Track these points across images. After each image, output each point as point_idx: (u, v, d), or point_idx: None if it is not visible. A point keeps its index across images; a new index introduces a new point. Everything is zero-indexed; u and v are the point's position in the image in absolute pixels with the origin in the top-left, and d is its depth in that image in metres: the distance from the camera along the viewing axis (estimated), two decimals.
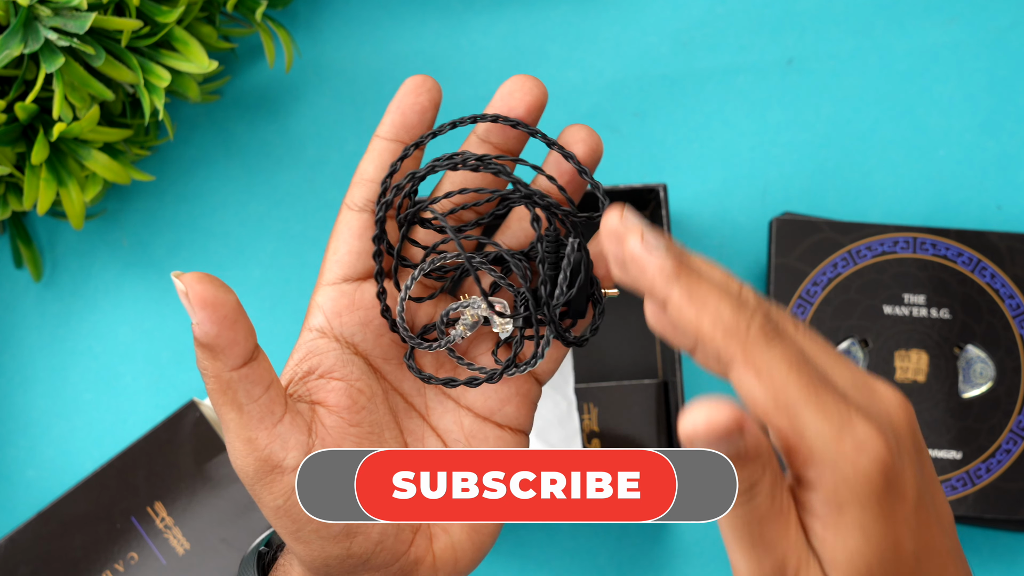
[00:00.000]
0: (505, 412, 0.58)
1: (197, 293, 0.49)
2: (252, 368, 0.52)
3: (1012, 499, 0.86)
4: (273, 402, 0.53)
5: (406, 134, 0.56)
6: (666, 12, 0.96)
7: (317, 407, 0.55)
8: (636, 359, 0.91)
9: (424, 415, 0.58)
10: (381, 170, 0.57)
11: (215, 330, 0.50)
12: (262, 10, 0.88)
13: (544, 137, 0.57)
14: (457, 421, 0.58)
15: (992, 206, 0.94)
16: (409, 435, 0.58)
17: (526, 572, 0.91)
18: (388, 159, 0.57)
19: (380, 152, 0.57)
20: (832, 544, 0.45)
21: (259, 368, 0.52)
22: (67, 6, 0.75)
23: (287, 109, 0.95)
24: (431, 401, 0.59)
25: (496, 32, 0.96)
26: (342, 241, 0.57)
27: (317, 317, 0.57)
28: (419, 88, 0.56)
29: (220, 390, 0.52)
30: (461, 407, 0.58)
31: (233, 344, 0.51)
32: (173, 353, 0.93)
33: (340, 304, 0.57)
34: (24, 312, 0.93)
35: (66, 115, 0.80)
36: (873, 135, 0.95)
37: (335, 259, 0.57)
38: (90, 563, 0.84)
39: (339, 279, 0.57)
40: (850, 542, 0.45)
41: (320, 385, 0.56)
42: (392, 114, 0.56)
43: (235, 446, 0.52)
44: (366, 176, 0.57)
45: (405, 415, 0.58)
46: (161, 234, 0.94)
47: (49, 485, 0.91)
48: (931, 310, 0.89)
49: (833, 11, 0.96)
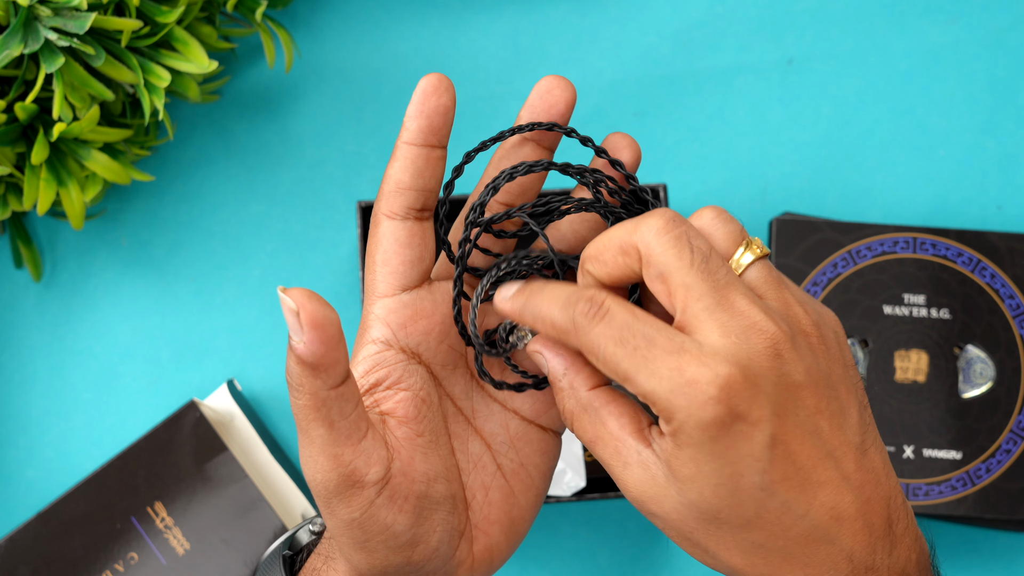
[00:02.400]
0: (551, 415, 0.59)
1: (309, 313, 0.49)
2: (347, 386, 0.52)
3: (1012, 499, 0.86)
4: (360, 418, 0.53)
5: (434, 137, 0.56)
6: (666, 12, 0.96)
7: (386, 418, 0.56)
8: None
9: (470, 419, 0.59)
10: (417, 177, 0.56)
11: (321, 350, 0.49)
12: (262, 10, 0.88)
13: (591, 143, 0.57)
14: (503, 424, 0.59)
15: (992, 206, 0.94)
16: (455, 439, 0.58)
17: (526, 572, 0.91)
18: (421, 165, 0.56)
19: (413, 159, 0.56)
20: (673, 468, 0.50)
21: (351, 385, 0.52)
22: (67, 6, 0.75)
23: (287, 109, 0.95)
24: (477, 404, 0.59)
25: (496, 32, 0.96)
26: (391, 252, 0.57)
27: (379, 329, 0.57)
28: (439, 89, 0.55)
29: (314, 407, 0.51)
30: (508, 410, 0.59)
31: (336, 364, 0.50)
32: (173, 353, 0.93)
33: (404, 316, 0.57)
34: (24, 312, 0.93)
35: (66, 115, 0.80)
36: (873, 135, 0.95)
37: (387, 271, 0.57)
38: (90, 563, 0.84)
39: (396, 290, 0.57)
40: (686, 470, 0.50)
41: (387, 396, 0.56)
42: (417, 119, 0.56)
43: (319, 461, 0.52)
44: (403, 185, 0.56)
45: (453, 419, 0.58)
46: (161, 234, 0.94)
47: (49, 485, 0.91)
48: (931, 310, 0.89)
49: (833, 11, 0.96)
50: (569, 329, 0.51)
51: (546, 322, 0.52)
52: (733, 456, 0.49)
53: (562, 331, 0.51)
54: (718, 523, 0.51)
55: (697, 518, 0.51)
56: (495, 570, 0.58)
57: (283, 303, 0.49)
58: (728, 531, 0.51)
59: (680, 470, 0.50)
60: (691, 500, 0.50)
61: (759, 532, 0.51)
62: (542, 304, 0.52)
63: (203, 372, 0.92)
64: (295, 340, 0.49)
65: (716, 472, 0.49)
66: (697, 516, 0.51)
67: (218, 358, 0.93)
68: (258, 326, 0.93)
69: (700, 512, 0.50)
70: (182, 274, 0.94)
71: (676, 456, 0.50)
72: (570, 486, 0.86)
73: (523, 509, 0.58)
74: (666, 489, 0.51)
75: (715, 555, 0.52)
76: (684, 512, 0.51)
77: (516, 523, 0.58)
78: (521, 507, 0.58)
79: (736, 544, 0.51)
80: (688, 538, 0.52)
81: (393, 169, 0.56)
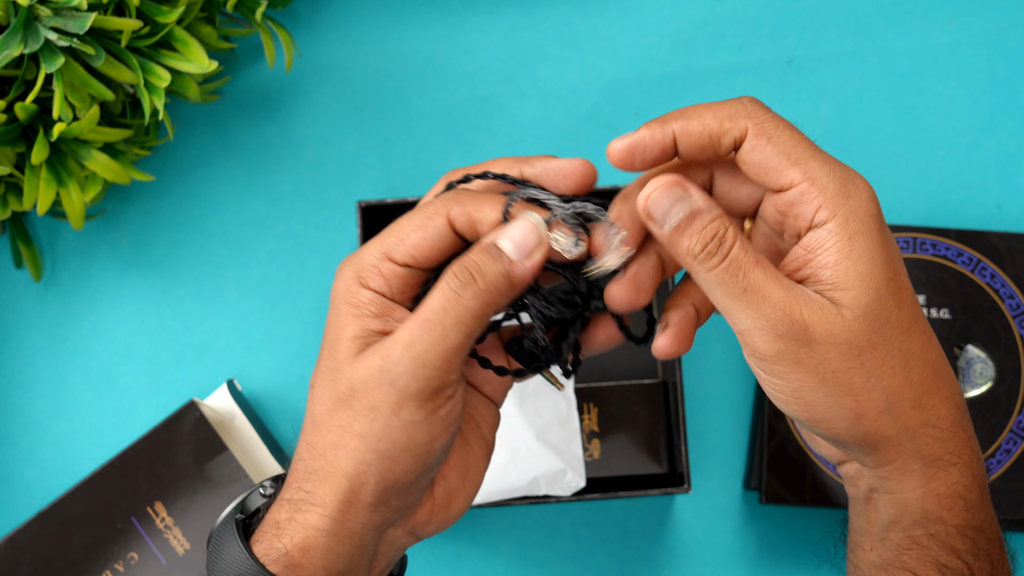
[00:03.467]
0: (491, 387, 0.63)
1: (547, 244, 0.57)
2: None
3: (1012, 499, 0.86)
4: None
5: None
6: (666, 12, 0.96)
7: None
8: (636, 359, 0.91)
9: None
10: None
11: (529, 276, 0.56)
12: (262, 10, 0.88)
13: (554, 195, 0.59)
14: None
15: (992, 206, 0.94)
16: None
17: (526, 572, 0.91)
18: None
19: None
20: (846, 270, 0.54)
21: None
22: (67, 6, 0.75)
23: (287, 109, 0.95)
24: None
25: (496, 32, 0.96)
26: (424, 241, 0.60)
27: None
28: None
29: (480, 315, 0.55)
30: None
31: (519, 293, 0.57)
32: (173, 353, 0.93)
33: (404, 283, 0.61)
34: (24, 312, 0.93)
35: (66, 115, 0.80)
36: (873, 135, 0.95)
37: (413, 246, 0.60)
38: (90, 563, 0.84)
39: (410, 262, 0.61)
40: (861, 266, 0.53)
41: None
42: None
43: (435, 363, 0.55)
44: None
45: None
46: (161, 234, 0.94)
47: (49, 485, 0.91)
48: (931, 310, 0.89)
49: (833, 11, 0.96)
50: (740, 112, 0.55)
51: (707, 116, 0.56)
52: (893, 252, 0.54)
53: (729, 116, 0.55)
54: (886, 331, 0.54)
55: (869, 329, 0.53)
56: (452, 518, 0.60)
57: (536, 225, 0.56)
58: (894, 339, 0.54)
59: (855, 268, 0.53)
60: (866, 305, 0.53)
61: (916, 340, 0.55)
62: (697, 108, 0.56)
63: (203, 372, 0.92)
64: (516, 256, 0.56)
65: (887, 265, 0.54)
66: (869, 326, 0.53)
67: (218, 358, 0.93)
68: (258, 326, 0.93)
69: (873, 319, 0.53)
70: (182, 274, 0.94)
71: (849, 253, 0.53)
72: (570, 486, 0.86)
73: (476, 458, 0.61)
74: (833, 311, 0.53)
75: (879, 376, 0.54)
76: (856, 327, 0.53)
77: (471, 470, 0.61)
78: (475, 456, 0.61)
79: (900, 355, 0.54)
80: (853, 363, 0.54)
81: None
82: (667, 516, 0.92)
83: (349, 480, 0.56)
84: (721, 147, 0.56)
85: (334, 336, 0.58)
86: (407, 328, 0.56)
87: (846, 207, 0.54)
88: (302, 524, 0.57)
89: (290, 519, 0.57)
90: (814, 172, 0.54)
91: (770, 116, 0.55)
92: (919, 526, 0.57)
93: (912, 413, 0.55)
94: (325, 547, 0.57)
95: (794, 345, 0.53)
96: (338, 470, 0.57)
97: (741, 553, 0.91)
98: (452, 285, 0.55)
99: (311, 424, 0.58)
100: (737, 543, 0.91)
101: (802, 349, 0.53)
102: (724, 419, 0.92)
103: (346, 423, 0.56)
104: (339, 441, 0.57)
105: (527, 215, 0.56)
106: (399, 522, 0.59)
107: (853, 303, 0.53)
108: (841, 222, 0.54)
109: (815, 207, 0.54)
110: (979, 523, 0.57)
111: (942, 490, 0.56)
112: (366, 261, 0.57)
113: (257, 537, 0.58)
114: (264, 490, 0.61)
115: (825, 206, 0.54)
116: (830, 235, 0.54)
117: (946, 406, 0.56)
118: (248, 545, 0.57)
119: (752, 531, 0.91)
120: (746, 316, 0.54)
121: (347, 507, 0.57)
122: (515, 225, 0.56)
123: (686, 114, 0.56)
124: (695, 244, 0.55)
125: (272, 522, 0.58)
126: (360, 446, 0.56)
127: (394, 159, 0.95)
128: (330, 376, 0.57)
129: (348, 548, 0.57)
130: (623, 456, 0.89)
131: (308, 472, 0.57)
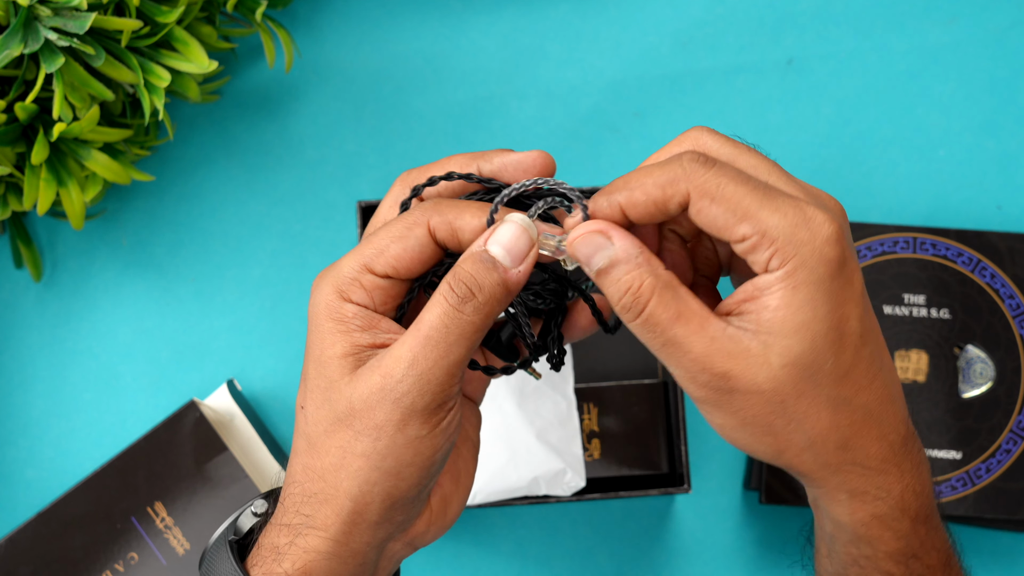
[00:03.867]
0: (471, 387, 0.63)
1: (536, 248, 0.56)
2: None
3: (1012, 499, 0.86)
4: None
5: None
6: (666, 12, 0.96)
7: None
8: (636, 359, 0.91)
9: None
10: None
11: (524, 282, 0.56)
12: (262, 10, 0.88)
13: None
14: None
15: (992, 206, 0.94)
16: None
17: (526, 572, 0.91)
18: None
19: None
20: (783, 319, 0.52)
21: None
22: (67, 6, 0.75)
23: (287, 109, 0.95)
24: None
25: (496, 32, 0.96)
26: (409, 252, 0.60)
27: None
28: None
29: (480, 327, 0.55)
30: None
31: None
32: (173, 353, 0.93)
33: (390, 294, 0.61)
34: (24, 312, 0.93)
35: (66, 115, 0.80)
36: (873, 135, 0.95)
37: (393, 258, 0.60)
38: (90, 563, 0.84)
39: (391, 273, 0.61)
40: (800, 316, 0.52)
41: None
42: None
43: (438, 377, 0.55)
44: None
45: None
46: (161, 234, 0.94)
47: (49, 485, 0.91)
48: (931, 310, 0.89)
49: (833, 11, 0.96)
50: (679, 176, 0.53)
51: (648, 184, 0.54)
52: (842, 298, 0.53)
53: (669, 179, 0.53)
54: (817, 379, 0.53)
55: (796, 378, 0.53)
56: (449, 523, 0.60)
57: (526, 228, 0.55)
58: (823, 387, 0.53)
59: (792, 318, 0.52)
60: (797, 355, 0.52)
61: (850, 386, 0.54)
62: (638, 176, 0.54)
63: (203, 372, 0.92)
64: (510, 264, 0.55)
65: (829, 315, 0.53)
66: (798, 375, 0.53)
67: (218, 358, 0.93)
68: (258, 326, 0.93)
69: (803, 368, 0.53)
70: (182, 274, 0.94)
71: (790, 303, 0.52)
72: (570, 486, 0.86)
73: (466, 460, 0.61)
74: (760, 358, 0.53)
75: (800, 421, 0.54)
76: (782, 376, 0.53)
77: (462, 474, 0.60)
78: (465, 458, 0.61)
79: (828, 402, 0.54)
80: (775, 409, 0.54)
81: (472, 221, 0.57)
82: (667, 516, 0.92)
83: (353, 501, 0.56)
84: (669, 211, 0.55)
85: (320, 354, 0.56)
86: (408, 345, 0.55)
87: (797, 256, 0.53)
88: (303, 548, 0.56)
89: (290, 543, 0.56)
90: (764, 223, 0.53)
91: (711, 174, 0.53)
92: (854, 545, 0.58)
93: (836, 453, 0.55)
94: (328, 569, 0.56)
95: (715, 393, 0.54)
96: (341, 491, 0.56)
97: (741, 553, 0.91)
98: (451, 301, 0.54)
99: (306, 446, 0.57)
100: (737, 543, 0.91)
101: (723, 397, 0.54)
102: None
103: (347, 444, 0.55)
104: (340, 462, 0.56)
105: (512, 217, 0.55)
106: (399, 536, 0.58)
107: (784, 351, 0.53)
108: (789, 271, 0.53)
109: (767, 256, 0.53)
110: (913, 551, 0.57)
111: (868, 520, 0.57)
112: (345, 274, 0.56)
113: (254, 560, 0.57)
114: (256, 509, 0.61)
115: (776, 256, 0.53)
116: (777, 282, 0.53)
117: (876, 445, 0.56)
118: (245, 569, 0.57)
119: (752, 531, 0.91)
120: (668, 365, 0.54)
121: (351, 528, 0.56)
122: (503, 230, 0.55)
123: (629, 183, 0.55)
124: (614, 294, 0.54)
125: (270, 546, 0.57)
126: (364, 466, 0.55)
127: (394, 159, 0.95)
128: (324, 396, 0.56)
129: (351, 568, 0.57)
130: (623, 456, 0.89)
131: (306, 496, 0.56)
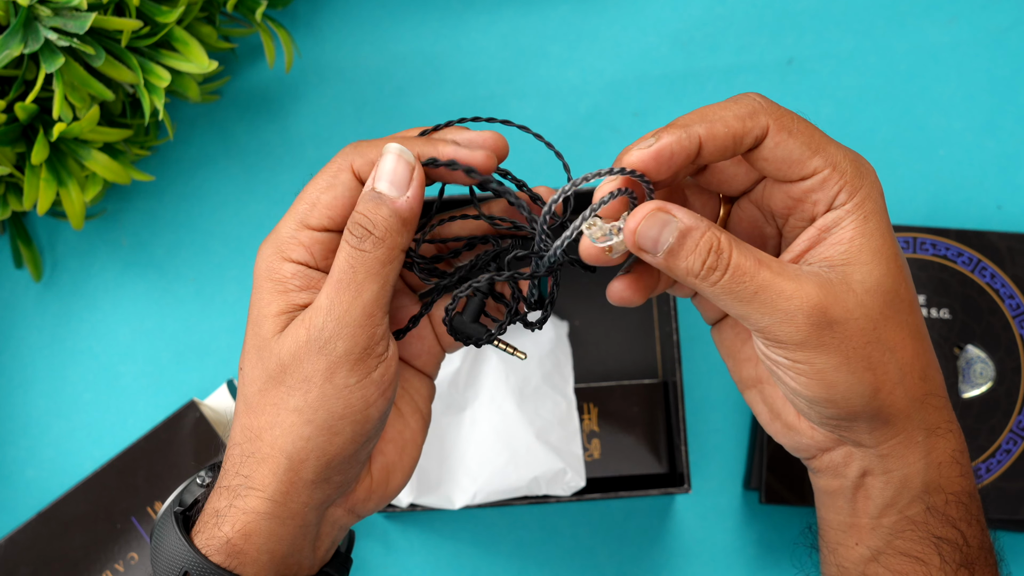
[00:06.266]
0: (423, 360, 0.64)
1: (420, 172, 0.57)
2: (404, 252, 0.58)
3: (1012, 499, 0.86)
4: (390, 293, 0.58)
5: None
6: (666, 12, 0.96)
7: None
8: (636, 359, 0.91)
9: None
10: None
11: (418, 208, 0.56)
12: (262, 10, 0.88)
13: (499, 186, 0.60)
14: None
15: (992, 206, 0.94)
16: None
17: (526, 572, 0.91)
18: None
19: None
20: (860, 247, 0.56)
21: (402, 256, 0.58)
22: (67, 6, 0.75)
23: (287, 109, 0.95)
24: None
25: (496, 32, 0.96)
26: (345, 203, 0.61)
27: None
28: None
29: (386, 260, 0.56)
30: None
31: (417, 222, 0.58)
32: (173, 353, 0.93)
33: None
34: (24, 312, 0.93)
35: (66, 115, 0.80)
36: (873, 135, 0.95)
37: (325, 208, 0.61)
38: (90, 563, 0.84)
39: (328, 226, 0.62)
40: (874, 242, 0.56)
41: None
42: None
43: (356, 320, 0.55)
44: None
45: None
46: (161, 234, 0.94)
47: (49, 485, 0.91)
48: (931, 310, 0.89)
49: (833, 11, 0.96)
50: (759, 110, 0.56)
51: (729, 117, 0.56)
52: (891, 234, 0.57)
53: (751, 114, 0.56)
54: (896, 304, 0.56)
55: (881, 303, 0.56)
56: (391, 494, 0.61)
57: (401, 154, 0.56)
58: (903, 313, 0.56)
59: (867, 245, 0.56)
60: (878, 280, 0.56)
61: (918, 314, 0.58)
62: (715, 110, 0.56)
63: (203, 372, 0.92)
64: (396, 193, 0.56)
65: (894, 243, 0.57)
66: (882, 300, 0.56)
67: (218, 358, 0.93)
68: None
69: (884, 293, 0.56)
70: (182, 274, 0.94)
71: (863, 231, 0.56)
72: (570, 486, 0.86)
73: (413, 431, 0.62)
74: (845, 287, 0.55)
75: (893, 350, 0.56)
76: (868, 301, 0.55)
77: (408, 444, 0.61)
78: (412, 429, 0.61)
79: (909, 329, 0.57)
80: (870, 338, 0.56)
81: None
82: (667, 516, 0.92)
83: (288, 458, 0.56)
84: (742, 147, 0.56)
85: (257, 314, 0.57)
86: (324, 293, 0.56)
87: (863, 189, 0.56)
88: (242, 509, 0.57)
89: (229, 505, 0.57)
90: (834, 158, 0.56)
91: (784, 110, 0.57)
92: (918, 501, 0.58)
93: (919, 384, 0.57)
94: (267, 530, 0.57)
95: (816, 330, 0.55)
96: (276, 449, 0.56)
97: (741, 553, 0.91)
98: (351, 242, 0.56)
99: (244, 407, 0.57)
100: (737, 543, 0.91)
101: (824, 332, 0.55)
102: (724, 419, 0.92)
103: (280, 400, 0.56)
104: (274, 420, 0.56)
105: (388, 148, 0.57)
106: (339, 500, 0.59)
107: (866, 277, 0.55)
108: (859, 202, 0.56)
109: (836, 190, 0.56)
110: (971, 488, 0.59)
111: (943, 458, 0.58)
112: (283, 235, 0.58)
113: (198, 528, 0.58)
114: (201, 480, 0.61)
115: (845, 189, 0.56)
116: (848, 215, 0.56)
117: (939, 376, 0.58)
118: (189, 536, 0.57)
119: (752, 531, 0.91)
120: (762, 315, 0.55)
121: (288, 487, 0.56)
122: (382, 163, 0.57)
123: (706, 116, 0.56)
124: (694, 263, 0.55)
125: (211, 511, 0.58)
126: (297, 421, 0.56)
127: None
128: (257, 355, 0.57)
129: (291, 529, 0.57)
130: (623, 456, 0.89)
131: (244, 456, 0.57)
